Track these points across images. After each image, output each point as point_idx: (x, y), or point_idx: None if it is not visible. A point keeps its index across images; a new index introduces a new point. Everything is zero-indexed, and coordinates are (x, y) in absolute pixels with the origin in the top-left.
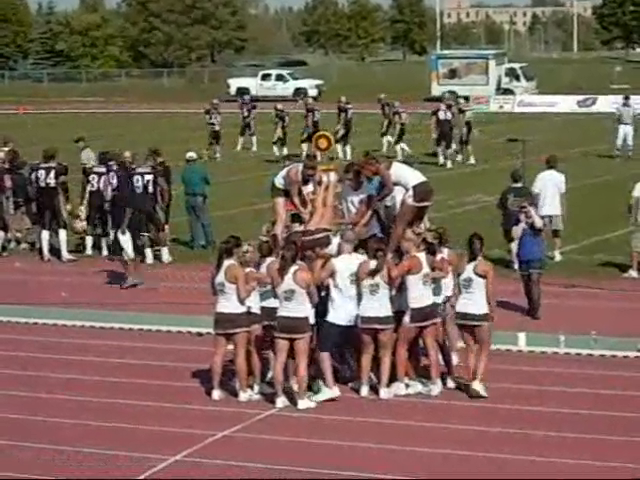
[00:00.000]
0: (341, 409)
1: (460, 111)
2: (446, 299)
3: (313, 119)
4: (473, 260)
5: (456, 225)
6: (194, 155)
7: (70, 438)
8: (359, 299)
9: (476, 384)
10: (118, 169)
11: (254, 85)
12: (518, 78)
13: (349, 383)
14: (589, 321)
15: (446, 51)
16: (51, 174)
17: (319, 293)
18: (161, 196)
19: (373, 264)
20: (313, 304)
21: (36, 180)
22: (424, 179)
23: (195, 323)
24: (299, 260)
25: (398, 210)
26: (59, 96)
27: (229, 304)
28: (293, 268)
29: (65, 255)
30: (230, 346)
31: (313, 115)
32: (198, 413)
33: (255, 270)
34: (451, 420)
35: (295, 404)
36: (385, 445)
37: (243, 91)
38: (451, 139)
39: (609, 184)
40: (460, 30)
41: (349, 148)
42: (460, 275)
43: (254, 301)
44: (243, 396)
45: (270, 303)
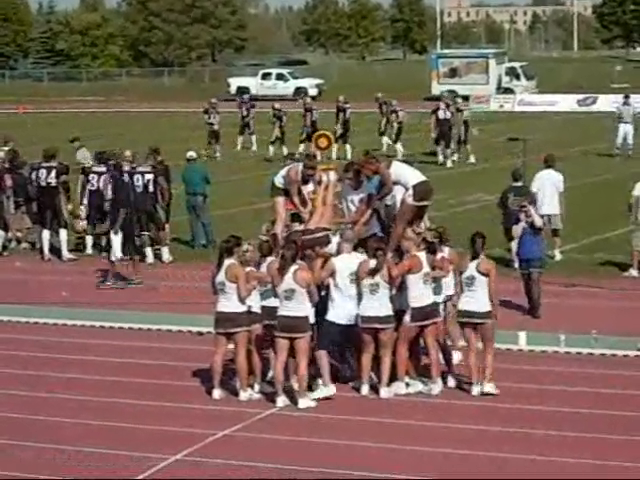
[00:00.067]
0: (341, 408)
1: (458, 110)
2: (447, 298)
3: (311, 119)
4: (475, 258)
5: (456, 224)
6: (194, 154)
7: (71, 437)
8: (359, 298)
9: (487, 387)
10: (113, 169)
11: (254, 84)
12: (518, 77)
13: (350, 382)
14: (589, 320)
15: (446, 50)
16: (52, 173)
17: (319, 292)
18: (161, 195)
19: (373, 263)
20: (313, 303)
21: (37, 179)
22: (424, 178)
23: (196, 322)
24: (299, 259)
25: (398, 209)
26: (59, 95)
27: (230, 303)
28: (293, 267)
29: (65, 254)
30: (230, 345)
31: (311, 115)
32: (199, 412)
33: (255, 269)
34: (451, 419)
35: (295, 403)
36: (385, 444)
37: (243, 90)
38: (450, 138)
39: (609, 183)
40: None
41: (349, 147)
42: (462, 273)
43: (254, 300)
44: (243, 395)
45: (270, 302)
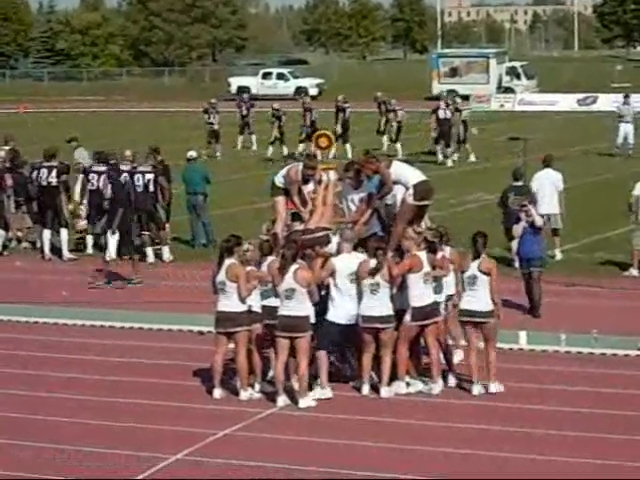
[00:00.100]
0: (342, 408)
1: (456, 110)
2: (448, 297)
3: (311, 118)
4: (477, 258)
5: (457, 224)
6: (195, 154)
7: (70, 437)
8: (360, 298)
9: (493, 387)
10: (111, 169)
11: (255, 84)
12: (519, 77)
13: (350, 382)
14: (590, 319)
15: (447, 50)
16: (53, 173)
17: (319, 292)
18: (162, 195)
19: (373, 263)
20: (313, 303)
21: (37, 179)
22: (424, 178)
23: (196, 322)
24: (299, 259)
25: (398, 209)
26: (59, 95)
27: (230, 303)
28: (293, 267)
29: (66, 254)
30: (231, 345)
31: (310, 114)
32: (199, 412)
33: (256, 269)
34: (452, 419)
35: (296, 403)
36: (386, 444)
37: (244, 90)
38: (450, 138)
39: (609, 182)
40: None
41: (349, 147)
42: (464, 273)
43: (255, 300)
44: (244, 395)
45: (271, 302)
